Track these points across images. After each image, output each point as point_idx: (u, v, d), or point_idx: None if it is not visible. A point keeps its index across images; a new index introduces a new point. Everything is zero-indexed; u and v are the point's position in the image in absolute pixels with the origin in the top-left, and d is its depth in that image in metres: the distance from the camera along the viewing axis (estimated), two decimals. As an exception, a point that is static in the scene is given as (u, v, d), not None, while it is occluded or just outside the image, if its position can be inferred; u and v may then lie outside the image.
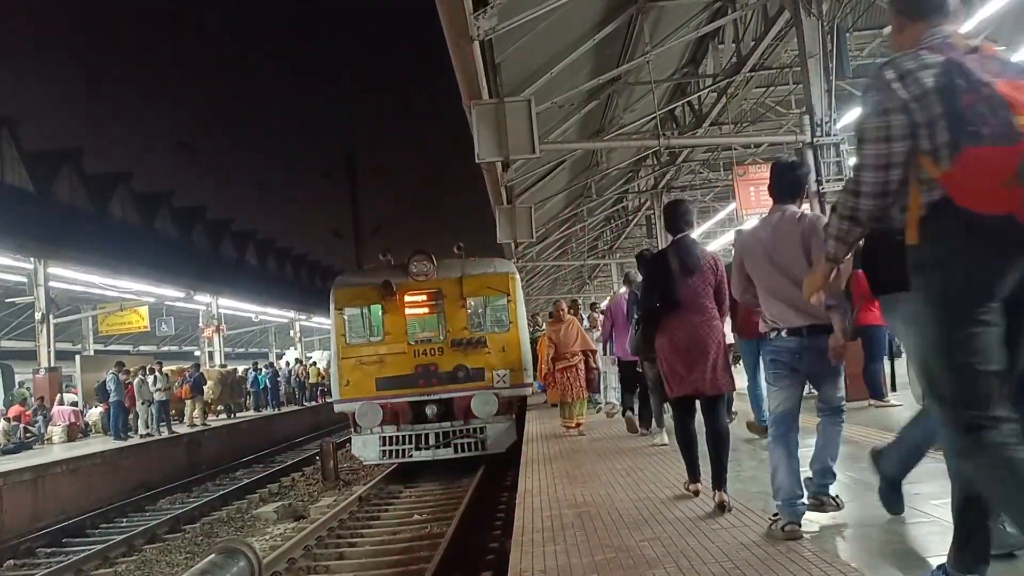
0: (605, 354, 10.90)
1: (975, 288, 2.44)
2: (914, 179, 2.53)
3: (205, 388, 23.61)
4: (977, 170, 2.34)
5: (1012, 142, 2.28)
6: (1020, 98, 2.33)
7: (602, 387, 12.63)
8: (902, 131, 2.52)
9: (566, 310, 11.37)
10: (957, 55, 2.52)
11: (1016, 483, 2.36)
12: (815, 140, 10.57)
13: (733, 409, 9.65)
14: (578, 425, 10.64)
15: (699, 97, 15.88)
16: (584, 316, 13.66)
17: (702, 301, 5.26)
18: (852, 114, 13.88)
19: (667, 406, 7.24)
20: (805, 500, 4.26)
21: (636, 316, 7.11)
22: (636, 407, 9.96)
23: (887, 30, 13.67)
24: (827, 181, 10.48)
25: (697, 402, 5.44)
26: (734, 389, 5.50)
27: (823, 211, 10.34)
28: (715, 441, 5.15)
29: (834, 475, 4.58)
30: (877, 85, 2.62)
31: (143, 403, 19.76)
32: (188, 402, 22.38)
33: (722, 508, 5.02)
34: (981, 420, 2.43)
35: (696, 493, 5.57)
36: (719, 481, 5.10)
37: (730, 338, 5.70)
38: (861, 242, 3.15)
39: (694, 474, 5.63)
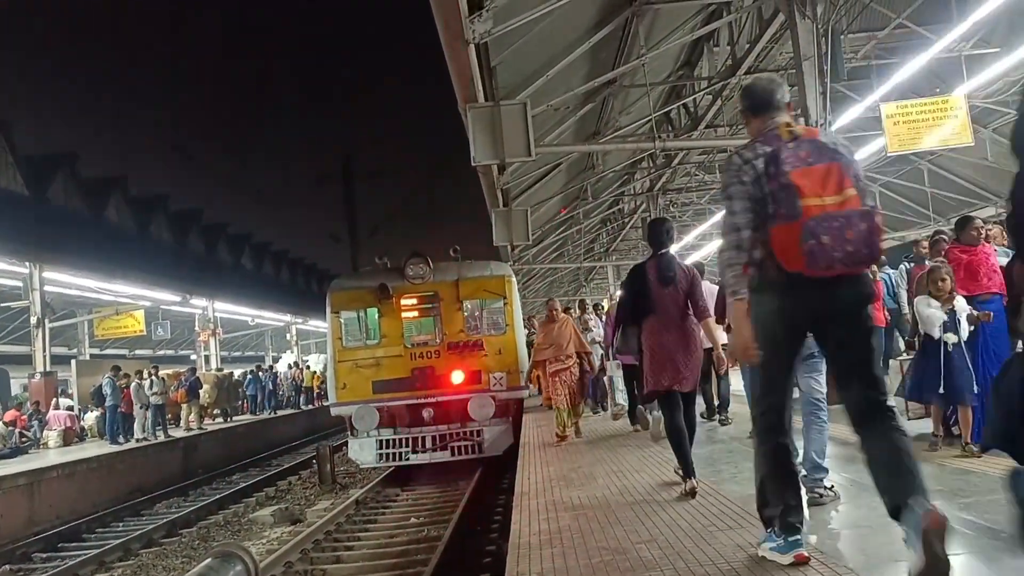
0: (610, 359, 11.01)
1: (778, 318, 3.43)
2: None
3: (201, 392, 23.56)
4: (780, 240, 3.25)
5: (796, 219, 3.18)
6: (805, 183, 3.21)
7: (609, 390, 12.57)
8: (744, 206, 3.45)
9: (560, 310, 10.79)
10: (777, 146, 3.39)
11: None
12: (810, 142, 10.55)
13: (730, 410, 9.69)
14: (564, 437, 9.98)
15: (694, 99, 15.89)
16: (590, 316, 13.46)
17: (678, 308, 5.92)
18: (847, 116, 13.95)
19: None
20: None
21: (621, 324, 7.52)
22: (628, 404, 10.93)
23: (881, 33, 13.75)
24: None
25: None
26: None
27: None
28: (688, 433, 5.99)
29: (825, 469, 4.99)
30: (730, 169, 3.56)
31: (140, 407, 19.73)
32: (184, 406, 22.35)
33: (690, 494, 5.66)
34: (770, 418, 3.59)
35: (692, 494, 5.65)
36: (689, 467, 5.83)
37: (724, 338, 5.77)
38: None
39: (687, 470, 5.79)
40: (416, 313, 14.77)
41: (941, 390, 6.04)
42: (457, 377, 14.16)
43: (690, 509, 5.38)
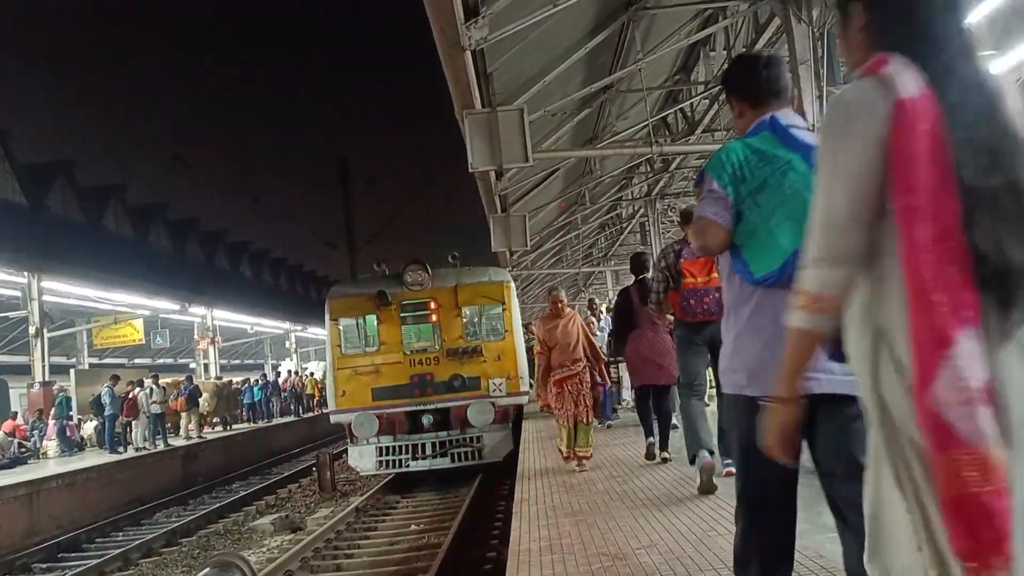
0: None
1: (683, 337, 6.31)
2: None
3: (200, 400, 23.53)
4: (673, 299, 6.12)
5: (679, 291, 6.02)
6: (691, 268, 5.95)
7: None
8: (659, 277, 6.34)
9: (565, 302, 8.72)
10: (682, 247, 6.22)
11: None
12: (807, 145, 10.57)
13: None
14: (579, 458, 8.19)
15: (691, 104, 15.91)
16: (600, 315, 13.30)
17: (655, 322, 7.63)
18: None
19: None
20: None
21: (609, 332, 9.47)
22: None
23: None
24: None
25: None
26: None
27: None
28: (661, 418, 7.93)
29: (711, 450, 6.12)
30: (662, 252, 6.54)
31: (144, 414, 19.73)
32: (184, 414, 22.32)
33: (664, 461, 7.77)
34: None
35: (664, 460, 7.80)
36: (664, 445, 7.90)
37: None
38: None
39: (653, 441, 8.00)
40: (415, 320, 14.76)
41: None
42: (456, 383, 14.15)
43: (689, 514, 5.37)
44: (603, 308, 15.06)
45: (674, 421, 8.17)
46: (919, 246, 1.56)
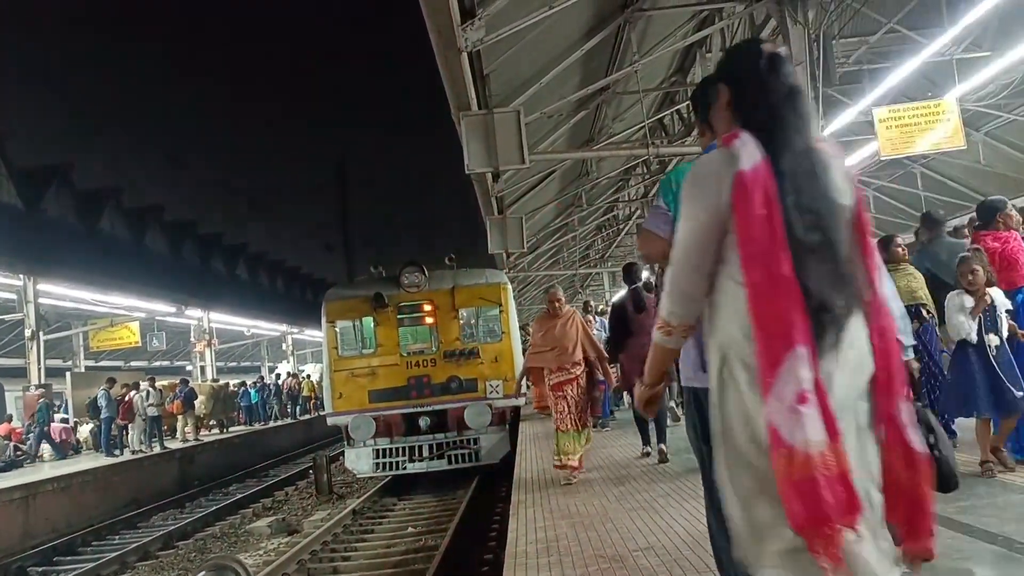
0: None
1: None
2: None
3: (197, 403, 23.49)
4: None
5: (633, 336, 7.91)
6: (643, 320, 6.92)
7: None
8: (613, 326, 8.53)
9: (563, 300, 8.33)
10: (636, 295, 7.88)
11: None
12: (803, 147, 10.57)
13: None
14: (572, 467, 7.75)
15: (688, 106, 15.92)
16: (594, 319, 13.28)
17: (645, 329, 8.02)
18: (840, 120, 13.97)
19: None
20: None
21: (605, 337, 9.46)
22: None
23: (873, 37, 13.80)
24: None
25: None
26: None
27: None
28: (656, 421, 8.26)
29: None
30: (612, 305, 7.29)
31: (141, 417, 19.69)
32: (180, 417, 22.28)
33: (662, 456, 8.07)
34: None
35: (648, 455, 8.46)
36: (661, 439, 8.21)
37: None
38: None
39: (647, 441, 8.55)
40: (412, 322, 14.75)
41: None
42: (453, 385, 14.13)
43: (687, 516, 5.37)
44: (598, 310, 15.04)
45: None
46: (758, 285, 1.95)
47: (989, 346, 5.23)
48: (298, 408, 32.91)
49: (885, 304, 2.09)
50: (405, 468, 13.95)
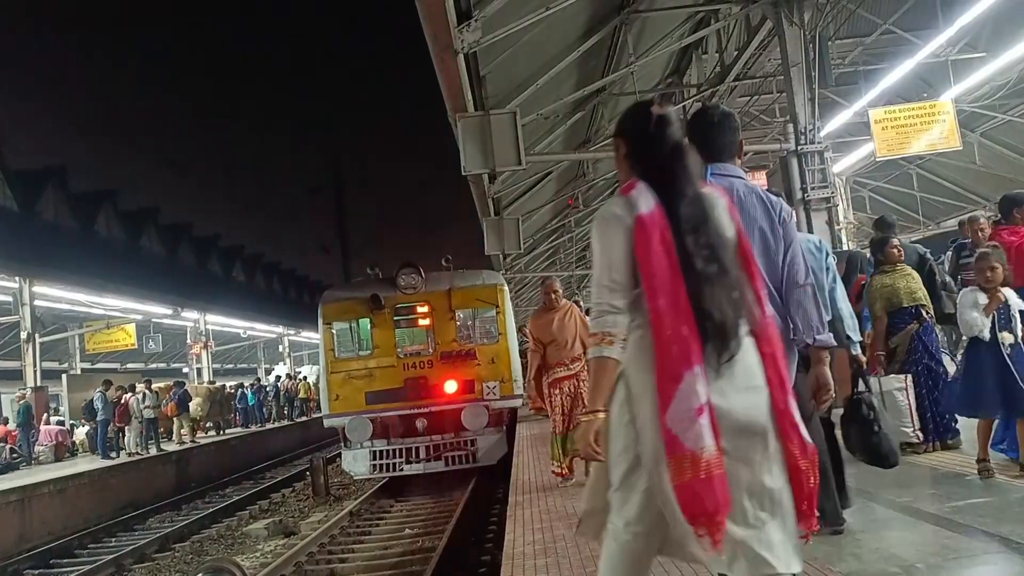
0: None
1: None
2: None
3: (193, 405, 23.45)
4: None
5: None
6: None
7: None
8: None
9: (560, 292, 7.86)
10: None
11: None
12: (799, 148, 10.62)
13: None
14: (556, 474, 7.50)
15: (684, 107, 15.93)
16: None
17: None
18: (836, 121, 14.00)
19: None
20: None
21: None
22: None
23: (869, 38, 13.83)
24: (812, 188, 10.53)
25: None
26: None
27: (808, 219, 10.40)
28: None
29: None
30: None
31: (137, 419, 19.66)
32: (175, 419, 22.24)
33: None
34: None
35: None
36: None
37: None
38: None
39: None
40: (408, 323, 14.74)
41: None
42: (450, 387, 14.13)
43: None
44: (586, 311, 15.04)
45: None
46: (660, 313, 2.29)
47: (1003, 344, 5.08)
48: (295, 410, 32.88)
49: (772, 318, 2.50)
50: (402, 470, 13.93)
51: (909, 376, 6.11)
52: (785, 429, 2.35)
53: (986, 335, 5.08)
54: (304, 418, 32.34)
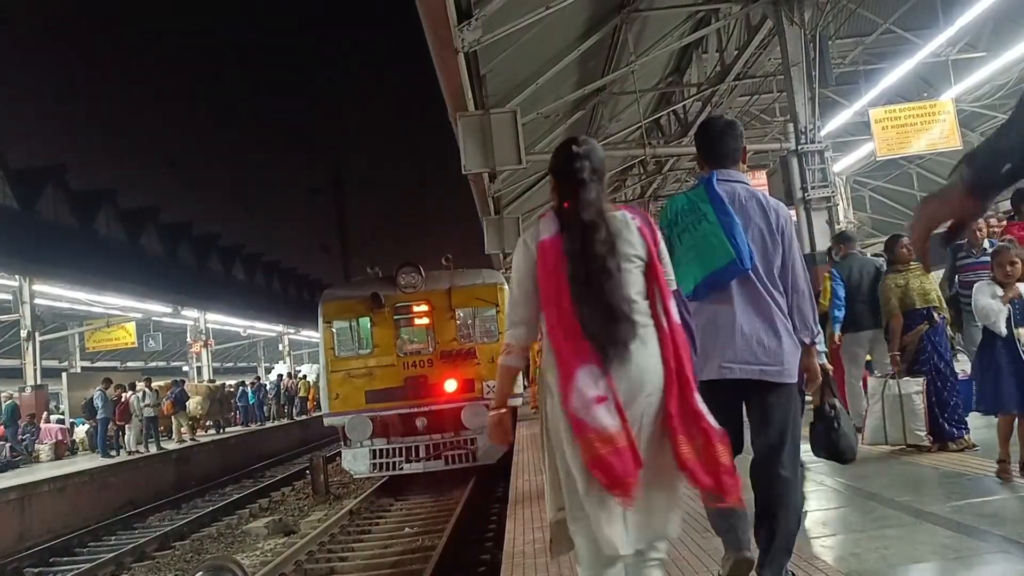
0: None
1: None
2: None
3: (192, 403, 23.44)
4: None
5: None
6: None
7: None
8: None
9: None
10: None
11: None
12: (799, 147, 10.63)
13: None
14: None
15: (684, 106, 15.96)
16: None
17: None
18: (836, 121, 13.99)
19: None
20: None
21: None
22: None
23: (869, 38, 13.83)
24: (812, 188, 10.53)
25: None
26: None
27: (808, 219, 10.40)
28: None
29: None
30: None
31: (137, 418, 19.67)
32: (174, 418, 22.24)
33: None
34: None
35: None
36: None
37: None
38: None
39: None
40: (408, 322, 14.75)
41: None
42: (450, 386, 14.14)
43: (685, 516, 5.36)
44: None
45: None
46: (551, 323, 2.74)
47: (1019, 340, 4.97)
48: (295, 409, 32.89)
49: (678, 324, 2.81)
50: (402, 468, 13.94)
51: (925, 379, 6.10)
52: (678, 418, 2.71)
53: (1002, 327, 4.97)
54: (304, 416, 32.35)
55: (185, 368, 36.51)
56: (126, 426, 19.83)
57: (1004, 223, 7.01)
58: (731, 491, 2.71)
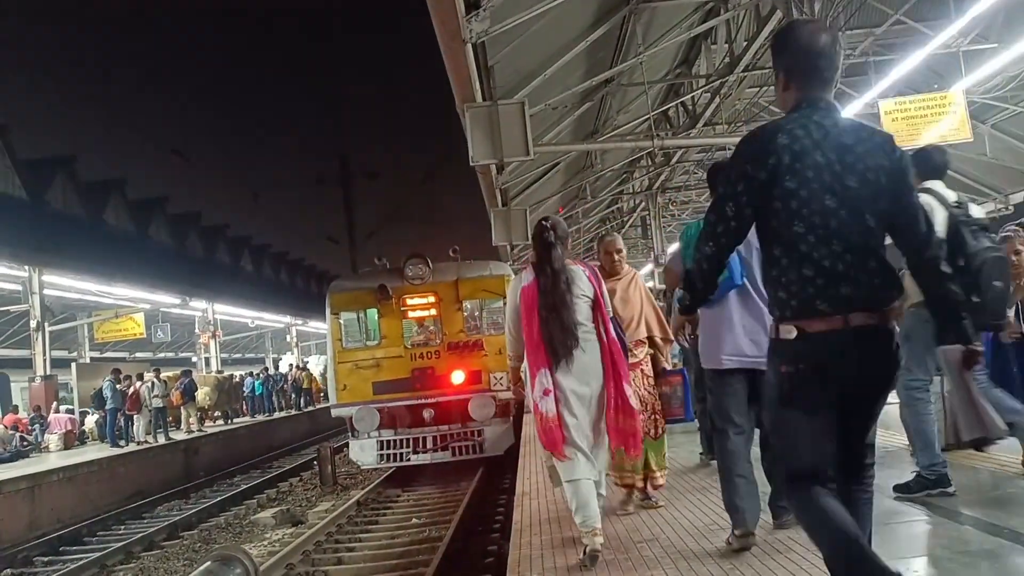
0: None
1: None
2: None
3: (201, 394, 23.52)
4: None
5: None
6: None
7: None
8: None
9: (625, 253, 5.83)
10: None
11: None
12: (809, 139, 10.53)
13: None
14: (640, 488, 5.62)
15: (692, 98, 15.85)
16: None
17: None
18: (845, 112, 13.90)
19: None
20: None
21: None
22: None
23: (879, 29, 13.72)
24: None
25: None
26: None
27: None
28: None
29: None
30: None
31: (147, 408, 19.76)
32: (183, 408, 22.34)
33: None
34: None
35: None
36: None
37: None
38: None
39: None
40: (416, 313, 14.76)
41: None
42: (457, 377, 14.16)
43: (691, 508, 5.37)
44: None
45: None
46: (527, 338, 4.48)
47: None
48: (302, 400, 32.99)
49: (614, 338, 4.48)
50: (409, 460, 13.97)
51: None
52: (614, 399, 4.40)
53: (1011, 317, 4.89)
54: (311, 407, 32.45)
55: (193, 359, 36.60)
56: (135, 416, 19.92)
57: None
58: (632, 448, 4.55)
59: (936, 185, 4.51)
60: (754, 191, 2.56)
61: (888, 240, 2.59)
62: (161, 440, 19.98)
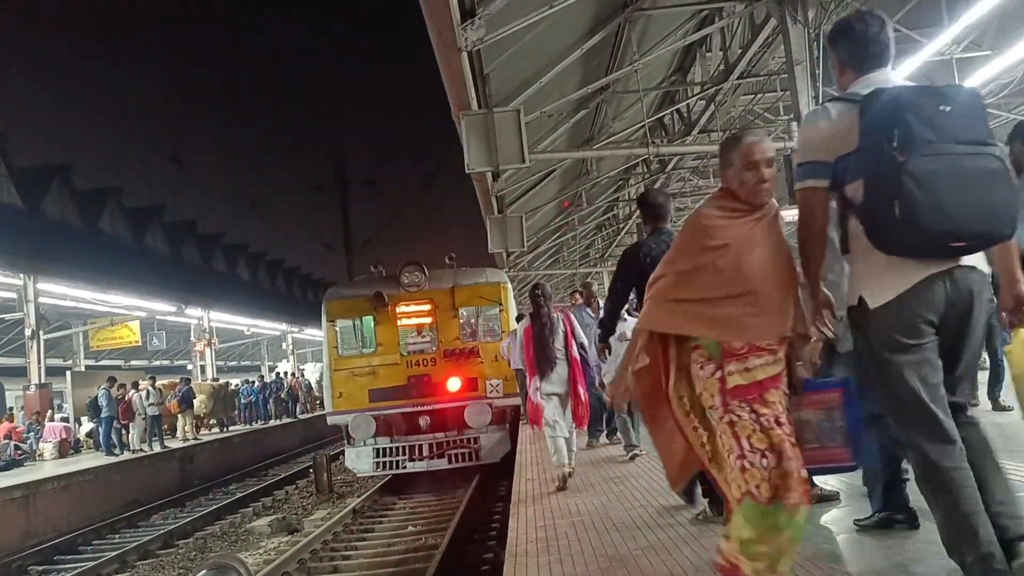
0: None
1: None
2: None
3: (196, 402, 23.47)
4: None
5: None
6: None
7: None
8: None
9: (775, 170, 3.10)
10: None
11: None
12: (803, 146, 10.56)
13: None
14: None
15: (688, 105, 15.91)
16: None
17: None
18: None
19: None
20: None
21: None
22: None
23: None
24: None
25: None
26: None
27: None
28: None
29: None
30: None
31: (141, 416, 19.71)
32: (179, 416, 22.29)
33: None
34: None
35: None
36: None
37: None
38: None
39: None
40: (412, 321, 14.76)
41: None
42: (454, 384, 14.15)
43: (688, 516, 5.37)
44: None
45: None
46: (528, 360, 7.66)
47: None
48: (297, 408, 32.94)
49: (576, 359, 7.42)
50: (405, 467, 13.96)
51: None
52: (574, 396, 7.36)
53: None
54: (306, 415, 32.38)
55: (189, 367, 36.50)
56: (130, 424, 19.87)
57: None
58: (580, 424, 7.70)
59: None
60: None
61: None
62: (156, 448, 19.92)
